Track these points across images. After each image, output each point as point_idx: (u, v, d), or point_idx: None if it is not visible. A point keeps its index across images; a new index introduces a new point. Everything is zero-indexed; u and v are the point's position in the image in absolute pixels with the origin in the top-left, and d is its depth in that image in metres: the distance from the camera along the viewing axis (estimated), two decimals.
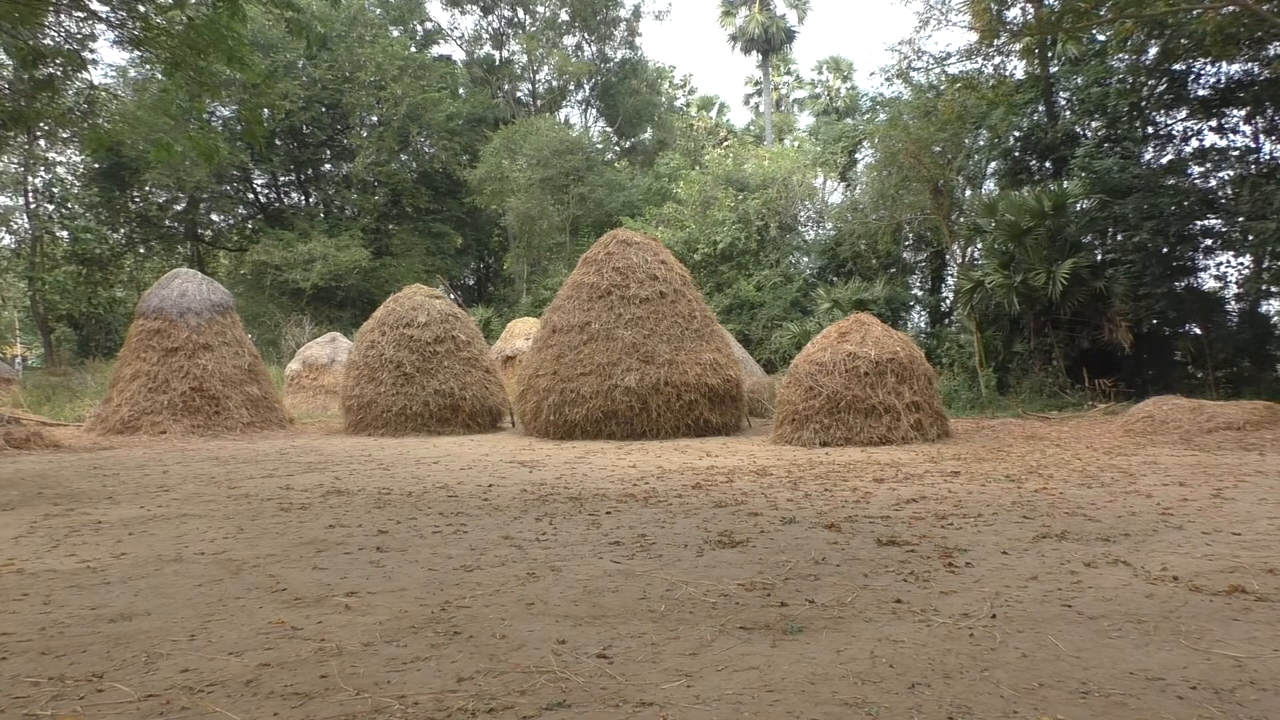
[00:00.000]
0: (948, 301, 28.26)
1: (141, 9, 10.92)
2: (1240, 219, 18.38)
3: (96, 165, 36.25)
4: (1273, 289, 18.90)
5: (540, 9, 44.69)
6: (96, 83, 27.00)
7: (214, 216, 43.40)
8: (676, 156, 39.26)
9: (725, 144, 44.49)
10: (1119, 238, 19.77)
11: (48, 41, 13.60)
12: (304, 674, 3.72)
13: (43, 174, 37.97)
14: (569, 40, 45.75)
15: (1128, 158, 19.51)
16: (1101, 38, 20.95)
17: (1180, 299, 19.14)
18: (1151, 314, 19.28)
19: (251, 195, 43.28)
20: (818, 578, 5.25)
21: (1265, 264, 18.81)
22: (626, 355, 15.52)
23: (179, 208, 41.01)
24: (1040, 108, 22.93)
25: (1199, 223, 19.20)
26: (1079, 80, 21.60)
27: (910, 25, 65.88)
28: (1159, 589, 4.81)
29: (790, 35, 48.84)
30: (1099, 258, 20.27)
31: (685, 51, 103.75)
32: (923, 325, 28.79)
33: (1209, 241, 19.58)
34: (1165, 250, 19.00)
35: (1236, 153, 19.59)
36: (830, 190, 35.09)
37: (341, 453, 14.06)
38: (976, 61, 23.42)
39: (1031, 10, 20.34)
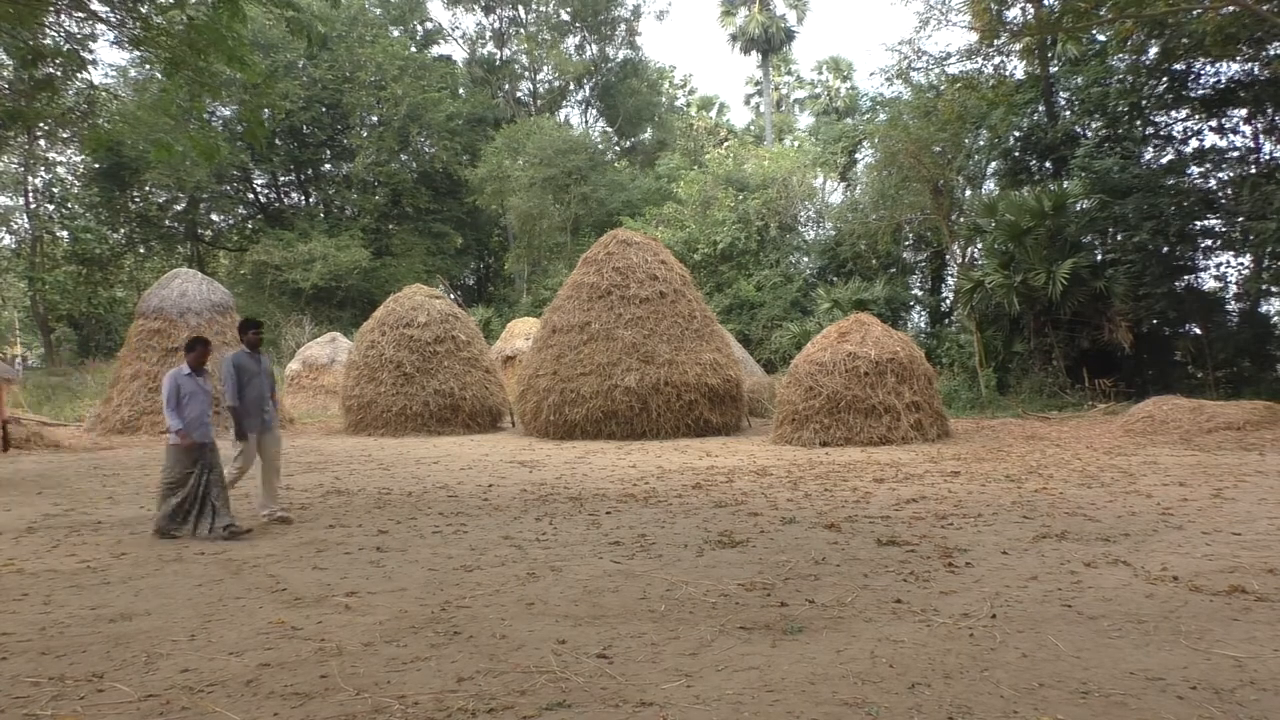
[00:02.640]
0: (948, 301, 28.26)
1: (142, 9, 10.91)
2: (1240, 219, 18.38)
3: (96, 165, 36.21)
4: (1273, 289, 18.89)
5: (541, 9, 44.69)
6: (96, 83, 27.03)
7: (214, 216, 43.38)
8: (676, 156, 39.24)
9: (725, 144, 44.43)
10: (1119, 238, 19.76)
11: (48, 41, 13.59)
12: (304, 674, 3.72)
13: (43, 174, 37.96)
14: (570, 40, 45.77)
15: (1128, 158, 19.50)
16: (1101, 38, 20.94)
17: (1180, 299, 19.14)
18: (1151, 314, 19.27)
19: (251, 195, 43.25)
20: (818, 578, 5.25)
21: (1265, 264, 18.80)
22: (626, 355, 15.52)
23: (179, 208, 40.98)
24: (1040, 108, 22.92)
25: (1199, 223, 19.19)
26: (1079, 80, 21.59)
27: (910, 25, 65.96)
28: (1159, 589, 4.82)
29: (790, 35, 48.82)
30: (1099, 258, 20.26)
31: (685, 51, 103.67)
32: (923, 325, 28.77)
33: (1209, 241, 19.57)
34: (1165, 250, 18.99)
35: (1236, 153, 19.58)
36: (830, 190, 35.09)
37: (341, 453, 14.06)
38: (976, 61, 23.39)
39: (1031, 10, 20.32)
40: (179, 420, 7.02)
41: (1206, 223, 19.33)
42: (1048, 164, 23.08)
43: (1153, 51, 19.41)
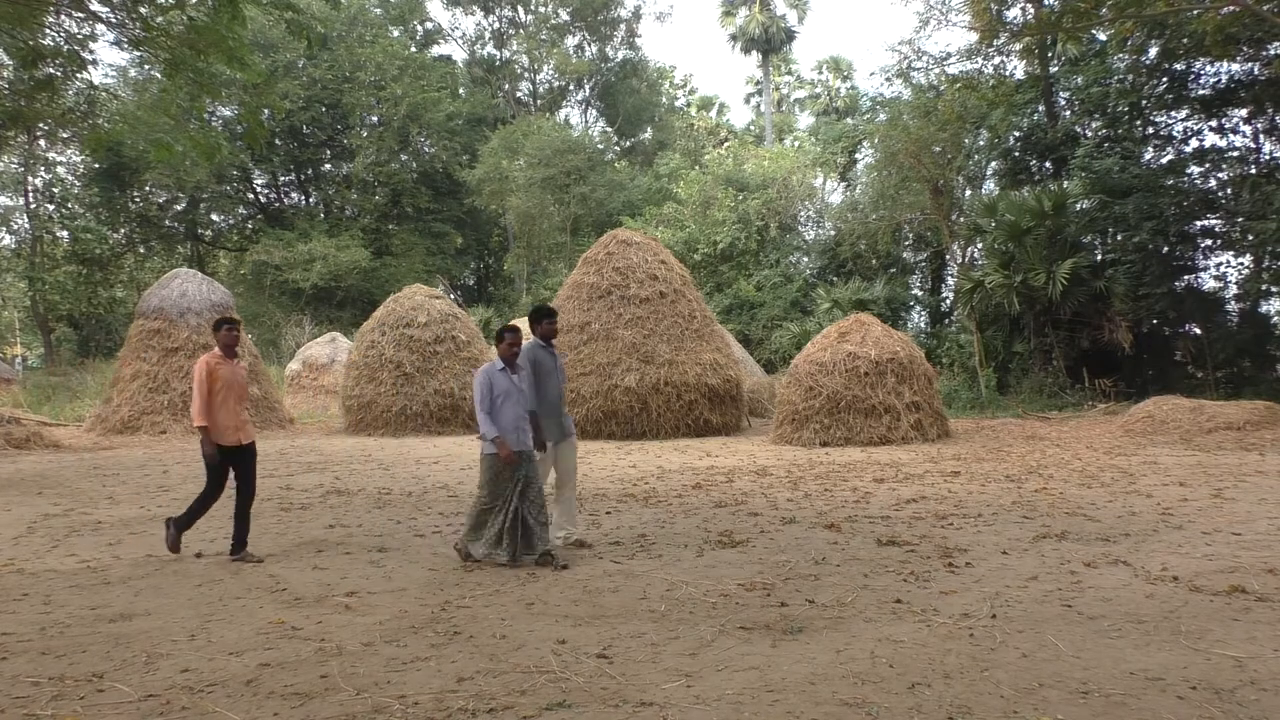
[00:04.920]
0: (948, 301, 28.25)
1: (142, 10, 10.92)
2: (1240, 219, 18.38)
3: (96, 165, 36.17)
4: (1273, 289, 18.90)
5: (541, 9, 44.71)
6: (96, 83, 26.96)
7: (214, 216, 43.33)
8: (676, 156, 39.23)
9: (725, 144, 44.41)
10: (1119, 238, 19.77)
11: (48, 41, 13.59)
12: (304, 674, 3.72)
13: (43, 174, 37.93)
14: (570, 40, 45.76)
15: (1128, 158, 19.50)
16: (1102, 38, 20.94)
17: (1180, 299, 19.14)
18: (1151, 314, 19.27)
19: (251, 195, 43.22)
20: (818, 578, 5.25)
21: (1265, 264, 18.80)
22: (626, 355, 15.52)
23: (179, 208, 40.95)
24: (1040, 108, 22.92)
25: (1199, 223, 19.20)
26: (1079, 80, 21.60)
27: (910, 25, 66.07)
28: (1159, 589, 4.81)
29: (790, 35, 48.76)
30: (1099, 258, 20.26)
31: (685, 51, 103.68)
32: (923, 325, 28.76)
33: (1209, 241, 19.58)
34: (1165, 250, 18.99)
35: (1236, 153, 19.59)
36: (830, 190, 35.07)
37: (341, 453, 14.05)
38: (976, 61, 23.40)
39: (1031, 10, 20.33)
40: (494, 426, 5.76)
41: (1206, 223, 19.34)
42: (1048, 164, 23.08)
43: (1153, 51, 19.41)
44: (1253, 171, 18.89)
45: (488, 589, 5.14)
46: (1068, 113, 22.74)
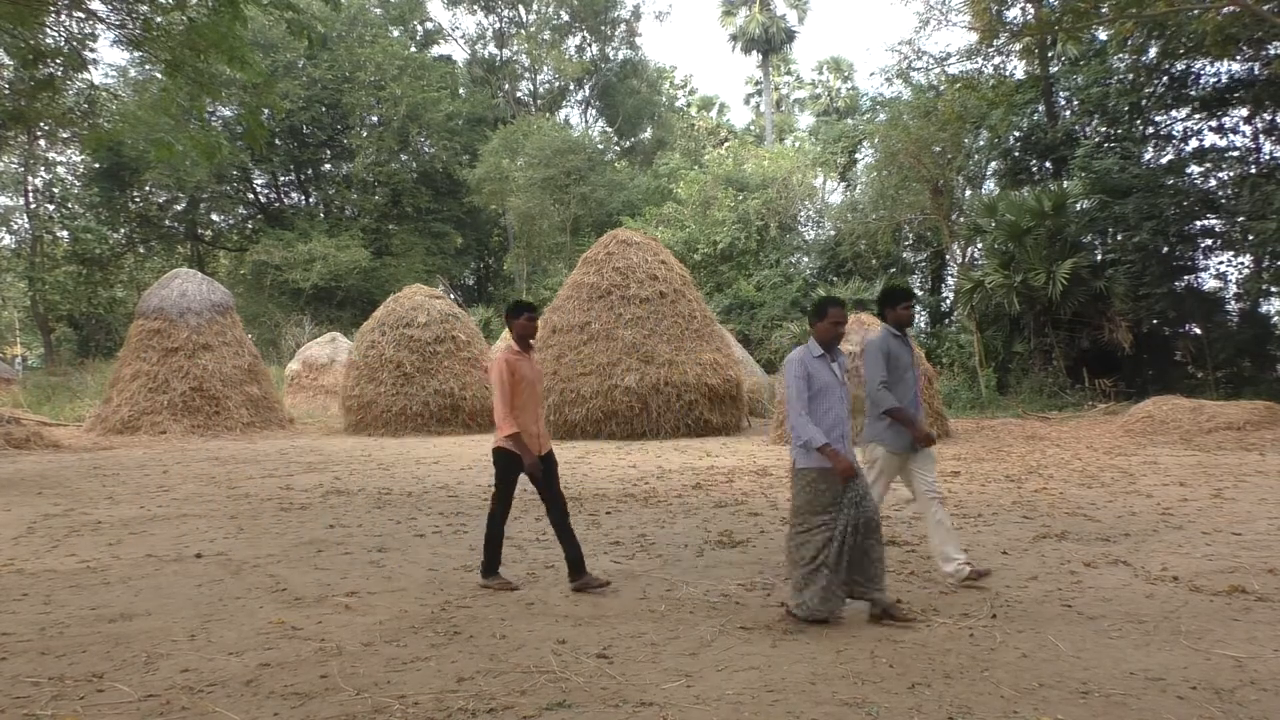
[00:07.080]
0: (948, 301, 28.25)
1: (142, 9, 10.92)
2: (1240, 219, 18.38)
3: (96, 165, 36.17)
4: (1273, 289, 18.89)
5: (542, 9, 44.73)
6: (96, 83, 26.98)
7: (214, 216, 43.34)
8: (676, 156, 39.24)
9: (725, 144, 44.41)
10: (1119, 238, 19.77)
11: (48, 41, 13.60)
12: (304, 674, 3.72)
13: (43, 174, 37.96)
14: (570, 40, 45.78)
15: (1128, 158, 19.51)
16: (1102, 37, 20.95)
17: (1180, 299, 19.14)
18: (1151, 314, 19.27)
19: (251, 195, 43.22)
20: None
21: (1265, 264, 18.80)
22: (626, 355, 15.52)
23: (179, 208, 40.97)
24: (1040, 108, 22.92)
25: (1199, 223, 19.20)
26: (1079, 80, 21.60)
27: (910, 25, 66.21)
28: (1159, 589, 4.81)
29: (790, 35, 48.77)
30: (1099, 258, 20.26)
31: (685, 51, 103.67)
32: (923, 325, 28.76)
33: (1209, 241, 19.58)
34: (1165, 250, 18.99)
35: (1236, 153, 19.58)
36: (830, 190, 35.09)
37: (341, 453, 14.05)
38: (976, 61, 23.42)
39: (1031, 10, 20.34)
40: (812, 427, 4.26)
41: (1206, 223, 19.34)
42: (1048, 164, 23.09)
43: (1153, 51, 19.41)
44: (1253, 171, 18.88)
45: (488, 589, 5.13)
46: (1068, 113, 22.74)
